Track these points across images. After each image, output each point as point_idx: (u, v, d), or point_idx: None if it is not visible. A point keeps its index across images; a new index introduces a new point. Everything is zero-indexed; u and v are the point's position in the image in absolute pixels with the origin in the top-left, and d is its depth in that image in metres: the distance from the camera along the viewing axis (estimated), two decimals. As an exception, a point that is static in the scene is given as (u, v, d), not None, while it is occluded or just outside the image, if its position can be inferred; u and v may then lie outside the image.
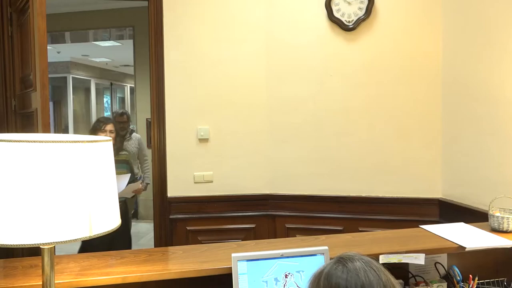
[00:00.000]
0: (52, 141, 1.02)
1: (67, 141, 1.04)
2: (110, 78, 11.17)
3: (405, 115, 2.91)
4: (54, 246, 1.13)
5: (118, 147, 3.51)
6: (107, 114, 11.78)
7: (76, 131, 9.45)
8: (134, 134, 4.30)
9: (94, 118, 10.31)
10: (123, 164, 3.51)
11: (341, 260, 0.88)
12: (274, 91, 3.07)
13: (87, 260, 1.56)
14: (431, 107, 2.87)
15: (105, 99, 11.90)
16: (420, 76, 2.88)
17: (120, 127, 3.88)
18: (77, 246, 3.52)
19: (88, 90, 10.46)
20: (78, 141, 1.06)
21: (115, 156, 1.22)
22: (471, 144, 2.57)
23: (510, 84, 2.23)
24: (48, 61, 2.20)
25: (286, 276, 1.40)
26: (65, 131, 9.58)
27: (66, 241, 1.00)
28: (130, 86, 11.43)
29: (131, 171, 3.60)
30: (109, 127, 3.37)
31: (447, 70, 2.79)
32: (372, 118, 2.94)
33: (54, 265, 1.16)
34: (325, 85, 2.98)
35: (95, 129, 3.41)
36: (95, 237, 1.06)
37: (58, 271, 1.43)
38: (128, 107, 11.70)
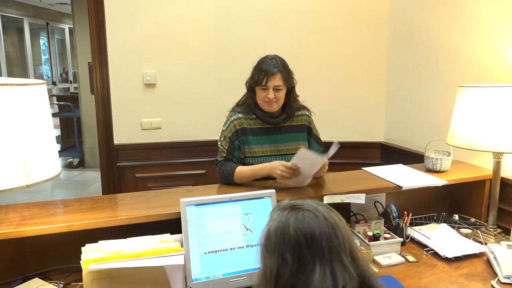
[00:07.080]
0: (-24, 84, 0.93)
1: (-7, 84, 0.96)
2: (46, 18, 10.24)
3: (352, 61, 2.95)
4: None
5: None
6: (45, 57, 10.94)
7: (10, 75, 8.73)
8: None
9: (30, 61, 9.56)
10: None
11: (295, 209, 0.89)
12: (222, 34, 2.97)
13: (28, 210, 1.50)
14: (377, 53, 2.93)
15: (41, 41, 10.97)
16: (367, 23, 2.90)
17: None
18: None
19: (21, 31, 9.56)
20: (7, 84, 0.98)
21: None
22: (412, 90, 2.68)
23: (447, 32, 2.30)
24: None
25: (234, 219, 1.43)
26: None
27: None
28: (69, 27, 10.58)
29: None
30: None
31: (394, 17, 2.82)
32: (320, 64, 2.96)
33: (-10, 215, 1.11)
34: (274, 30, 2.93)
35: None
36: (33, 186, 1.01)
37: (-4, 222, 1.37)
38: (68, 50, 10.92)
